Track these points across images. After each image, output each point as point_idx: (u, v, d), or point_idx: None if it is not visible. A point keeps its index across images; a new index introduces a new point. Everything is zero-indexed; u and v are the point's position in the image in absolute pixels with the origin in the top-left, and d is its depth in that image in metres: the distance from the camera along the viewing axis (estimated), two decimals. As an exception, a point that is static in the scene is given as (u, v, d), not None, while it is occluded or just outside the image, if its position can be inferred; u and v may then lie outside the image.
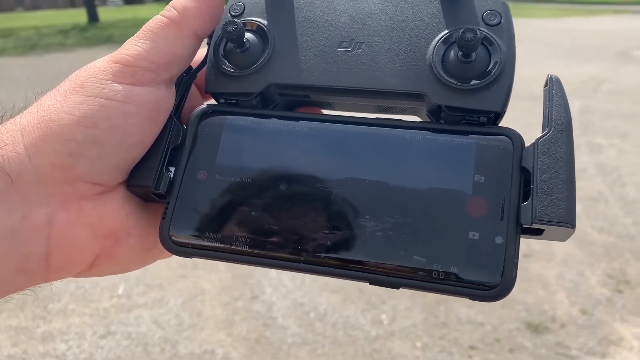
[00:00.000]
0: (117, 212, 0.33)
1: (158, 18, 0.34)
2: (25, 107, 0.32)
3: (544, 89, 0.33)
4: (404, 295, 2.19)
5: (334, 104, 0.39)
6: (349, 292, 2.22)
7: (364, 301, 2.16)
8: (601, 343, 1.91)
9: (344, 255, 0.31)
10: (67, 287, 2.31)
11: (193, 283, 2.31)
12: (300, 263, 0.31)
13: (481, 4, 0.35)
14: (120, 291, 2.28)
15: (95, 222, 0.32)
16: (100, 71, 0.32)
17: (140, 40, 0.33)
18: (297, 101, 0.39)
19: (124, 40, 0.34)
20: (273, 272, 2.35)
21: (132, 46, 0.33)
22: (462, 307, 2.10)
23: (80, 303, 2.21)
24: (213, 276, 2.35)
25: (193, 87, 0.39)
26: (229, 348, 1.93)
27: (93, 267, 0.34)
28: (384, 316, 2.08)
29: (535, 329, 1.98)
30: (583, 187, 3.25)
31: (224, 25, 0.34)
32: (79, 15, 21.73)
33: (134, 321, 2.09)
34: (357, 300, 2.17)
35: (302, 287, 2.26)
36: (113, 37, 12.44)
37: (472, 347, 1.91)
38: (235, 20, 0.34)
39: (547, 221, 0.29)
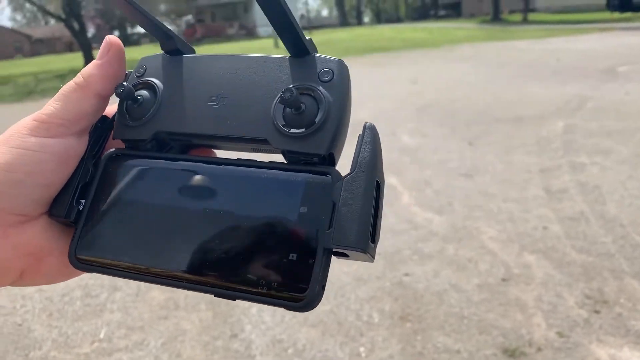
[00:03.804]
0: (40, 236, 0.41)
1: (70, 83, 0.43)
2: None
3: (358, 136, 0.39)
4: (382, 327, 2.20)
5: (217, 145, 0.46)
6: (328, 326, 2.23)
7: (342, 334, 2.17)
8: (578, 365, 1.92)
9: (196, 273, 0.38)
10: (49, 334, 2.32)
11: (174, 324, 2.32)
12: (163, 278, 0.39)
13: (320, 63, 0.41)
14: (101, 335, 2.29)
15: (19, 244, 0.40)
16: (22, 127, 0.40)
17: (55, 102, 0.42)
18: (189, 144, 0.46)
19: None
20: (253, 309, 2.37)
21: (48, 107, 0.41)
22: (439, 336, 2.11)
23: (61, 349, 2.22)
24: (194, 316, 2.36)
25: None
26: (207, 388, 1.93)
27: (22, 280, 0.42)
28: (362, 349, 2.08)
29: (512, 354, 1.99)
30: (564, 207, 3.28)
31: (115, 88, 0.42)
32: (76, 60, 22.08)
33: (115, 365, 2.09)
34: (336, 334, 2.18)
35: (281, 323, 2.27)
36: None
37: (449, 376, 1.91)
38: (124, 84, 0.42)
39: (341, 246, 0.35)
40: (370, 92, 8.18)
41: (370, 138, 0.38)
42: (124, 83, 0.42)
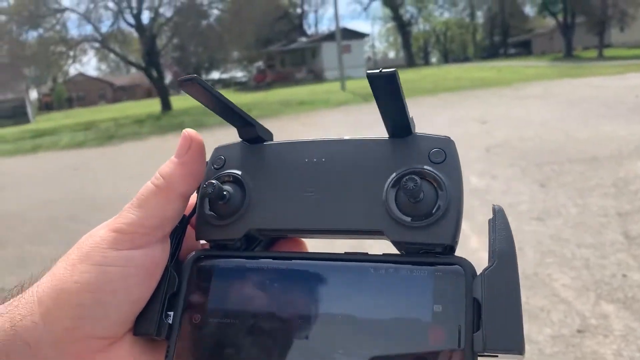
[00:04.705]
0: (126, 356, 0.37)
1: (148, 186, 0.39)
2: (40, 276, 0.38)
3: (488, 221, 0.35)
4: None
5: (312, 237, 0.42)
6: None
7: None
8: None
9: None
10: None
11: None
12: None
13: (428, 143, 0.38)
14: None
15: None
16: (101, 240, 0.37)
17: (134, 209, 0.38)
18: (279, 236, 0.43)
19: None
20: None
21: (128, 214, 0.38)
22: (509, 389, 2.01)
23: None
24: None
25: (190, 229, 0.43)
26: None
27: None
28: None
29: (589, 413, 1.86)
30: (645, 254, 3.09)
31: (203, 187, 0.39)
32: (154, 105, 23.32)
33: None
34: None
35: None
36: (184, 123, 13.17)
37: None
38: (213, 182, 0.39)
39: (496, 350, 0.31)
40: (438, 132, 8.11)
41: (503, 224, 0.35)
42: (213, 181, 0.39)
